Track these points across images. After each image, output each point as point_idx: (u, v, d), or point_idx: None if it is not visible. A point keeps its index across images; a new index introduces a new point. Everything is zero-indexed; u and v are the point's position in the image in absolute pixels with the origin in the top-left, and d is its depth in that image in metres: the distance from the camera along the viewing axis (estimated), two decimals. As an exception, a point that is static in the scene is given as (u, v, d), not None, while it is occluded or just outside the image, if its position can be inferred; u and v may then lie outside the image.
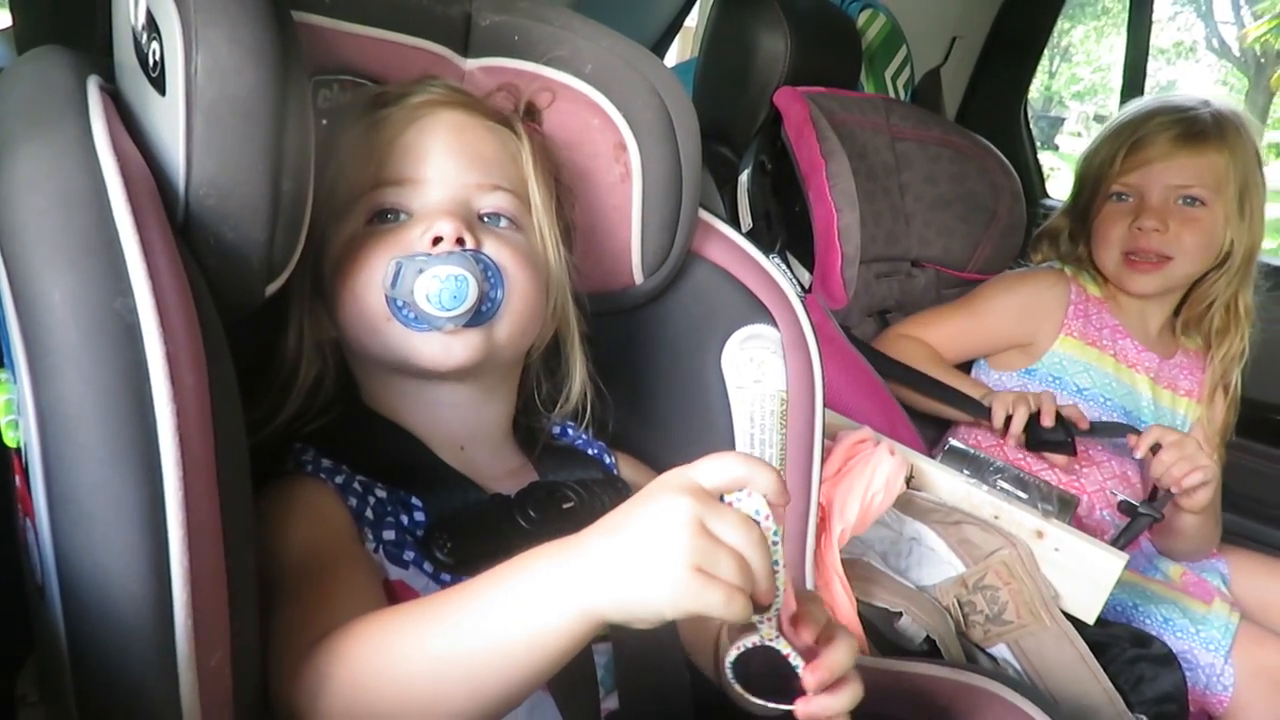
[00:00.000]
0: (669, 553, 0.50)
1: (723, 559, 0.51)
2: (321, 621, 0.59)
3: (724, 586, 0.50)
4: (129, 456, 0.49)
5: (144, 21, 0.62)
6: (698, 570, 0.50)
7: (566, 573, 0.52)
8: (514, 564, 0.54)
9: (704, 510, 0.51)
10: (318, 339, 0.78)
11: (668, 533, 0.50)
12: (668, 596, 0.50)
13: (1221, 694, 1.27)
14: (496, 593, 0.54)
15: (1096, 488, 1.45)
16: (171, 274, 0.53)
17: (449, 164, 0.75)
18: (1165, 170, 1.46)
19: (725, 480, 0.54)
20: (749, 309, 0.92)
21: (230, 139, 0.58)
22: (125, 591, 0.48)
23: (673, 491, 0.52)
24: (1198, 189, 1.45)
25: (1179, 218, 1.45)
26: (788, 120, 1.49)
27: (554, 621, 0.51)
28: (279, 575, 0.64)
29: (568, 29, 0.86)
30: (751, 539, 0.52)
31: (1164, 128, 1.47)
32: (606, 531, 0.53)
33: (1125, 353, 1.52)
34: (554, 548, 0.54)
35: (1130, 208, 1.49)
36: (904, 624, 1.11)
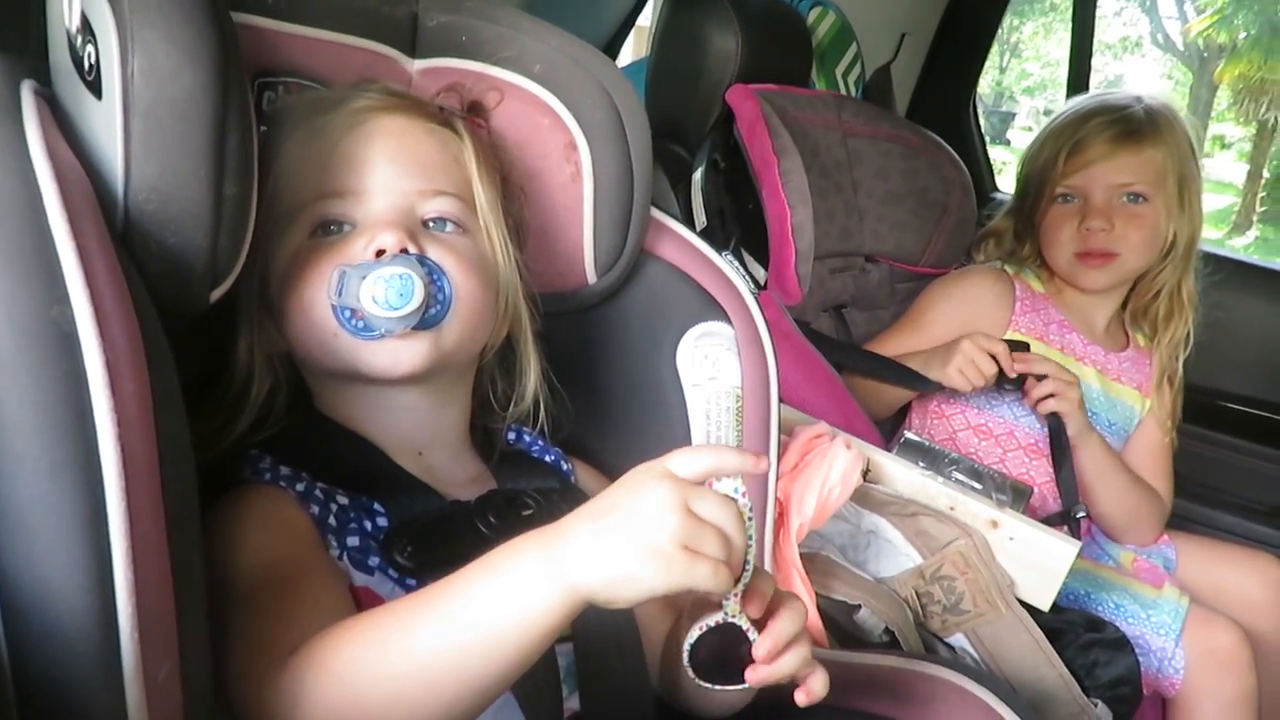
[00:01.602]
0: (657, 533, 0.53)
1: (707, 536, 0.54)
2: (294, 631, 0.58)
3: (710, 561, 0.54)
4: (69, 467, 0.48)
5: (79, 24, 0.60)
6: (684, 548, 0.53)
7: (554, 554, 0.54)
8: (498, 553, 0.56)
9: (686, 491, 0.54)
10: (268, 353, 0.77)
11: (654, 515, 0.53)
12: (658, 573, 0.53)
13: (1174, 676, 1.30)
14: (483, 581, 0.55)
15: (1046, 479, 1.47)
16: (110, 281, 0.52)
17: (389, 172, 0.74)
18: (1107, 170, 1.50)
19: (698, 470, 0.57)
20: (703, 306, 0.93)
21: (170, 143, 0.57)
22: (68, 605, 0.47)
23: (654, 477, 0.55)
24: (1139, 185, 1.49)
25: (1123, 215, 1.49)
26: (740, 118, 1.49)
27: (542, 602, 0.53)
28: (242, 586, 0.63)
29: (516, 29, 0.85)
30: (731, 515, 0.56)
31: (1102, 128, 1.51)
32: (593, 516, 0.55)
33: (1073, 346, 1.54)
34: (540, 533, 0.56)
35: (1076, 209, 1.52)
36: (863, 616, 1.12)
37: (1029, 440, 1.48)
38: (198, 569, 0.57)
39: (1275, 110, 14.12)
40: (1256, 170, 14.04)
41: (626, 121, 0.84)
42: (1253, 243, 12.99)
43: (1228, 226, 13.50)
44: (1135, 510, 1.51)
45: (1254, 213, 13.67)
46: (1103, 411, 1.53)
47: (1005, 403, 1.49)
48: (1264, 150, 14.30)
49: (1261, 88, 13.96)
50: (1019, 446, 1.48)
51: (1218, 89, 16.19)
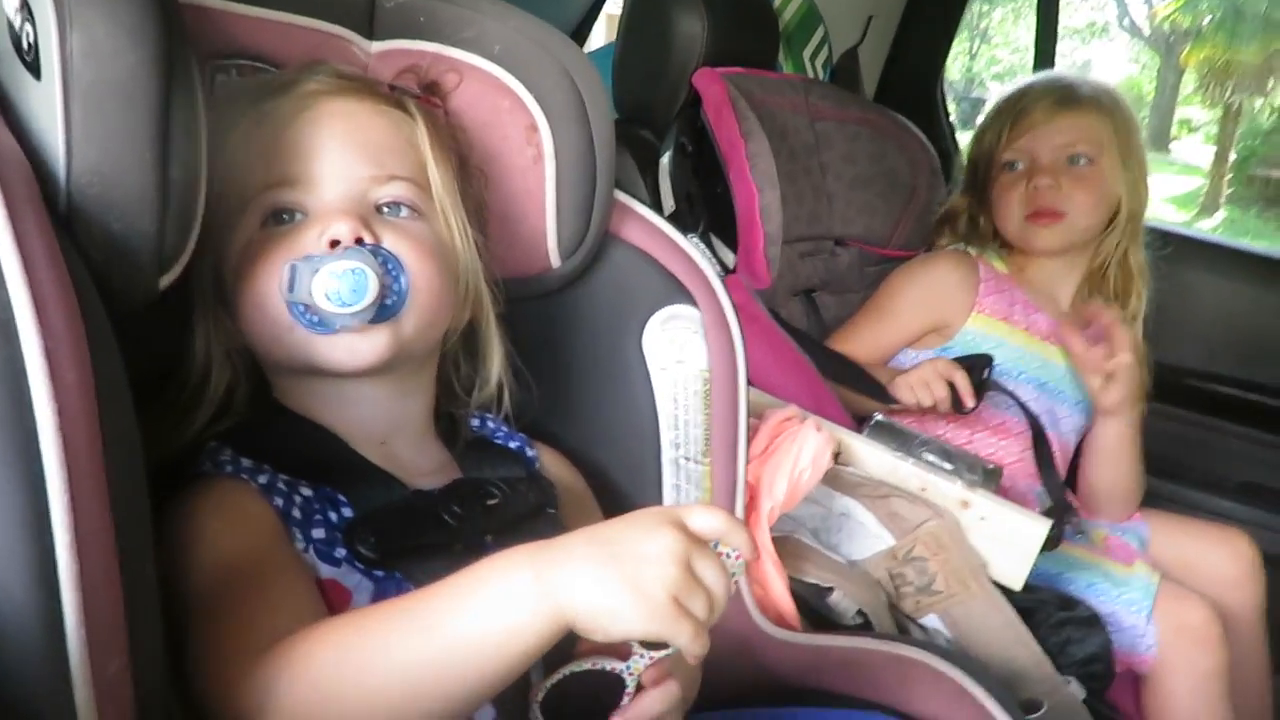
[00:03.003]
0: (654, 578, 0.53)
1: (699, 597, 0.54)
2: (264, 628, 0.57)
3: (694, 622, 0.54)
4: (7, 459, 0.46)
5: (17, 3, 0.58)
6: (675, 602, 0.53)
7: (546, 571, 0.54)
8: (489, 564, 0.55)
9: (691, 548, 0.54)
10: (226, 347, 0.76)
11: (657, 559, 0.53)
12: (643, 617, 0.53)
13: (1146, 654, 1.31)
14: (470, 592, 0.54)
15: (1015, 459, 1.47)
16: (49, 267, 0.50)
17: (340, 158, 0.72)
18: (1050, 132, 1.53)
19: (710, 529, 0.57)
20: (669, 290, 0.92)
21: (112, 124, 0.55)
22: (9, 601, 0.46)
23: (666, 524, 0.55)
24: (1082, 145, 1.52)
25: (1070, 176, 1.51)
26: (707, 102, 1.48)
27: (528, 617, 0.53)
28: (206, 582, 0.62)
29: (475, 10, 0.84)
30: (724, 584, 0.56)
31: (1042, 95, 1.55)
32: (594, 542, 0.55)
33: (1037, 326, 1.55)
34: (533, 548, 0.55)
35: (1023, 173, 1.54)
36: (835, 599, 1.12)
37: (996, 421, 1.49)
38: (149, 564, 0.55)
39: (1241, 93, 14.27)
40: (1223, 153, 14.19)
41: (588, 103, 0.83)
42: (1220, 224, 13.13)
43: (1195, 209, 13.65)
44: (1130, 489, 1.53)
45: (1221, 195, 13.82)
46: (1069, 390, 1.54)
47: None
48: (1230, 133, 14.46)
49: (1227, 71, 14.10)
50: (986, 428, 1.49)
51: (1184, 72, 16.35)
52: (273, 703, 0.53)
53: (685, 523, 0.56)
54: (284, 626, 0.57)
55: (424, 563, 0.69)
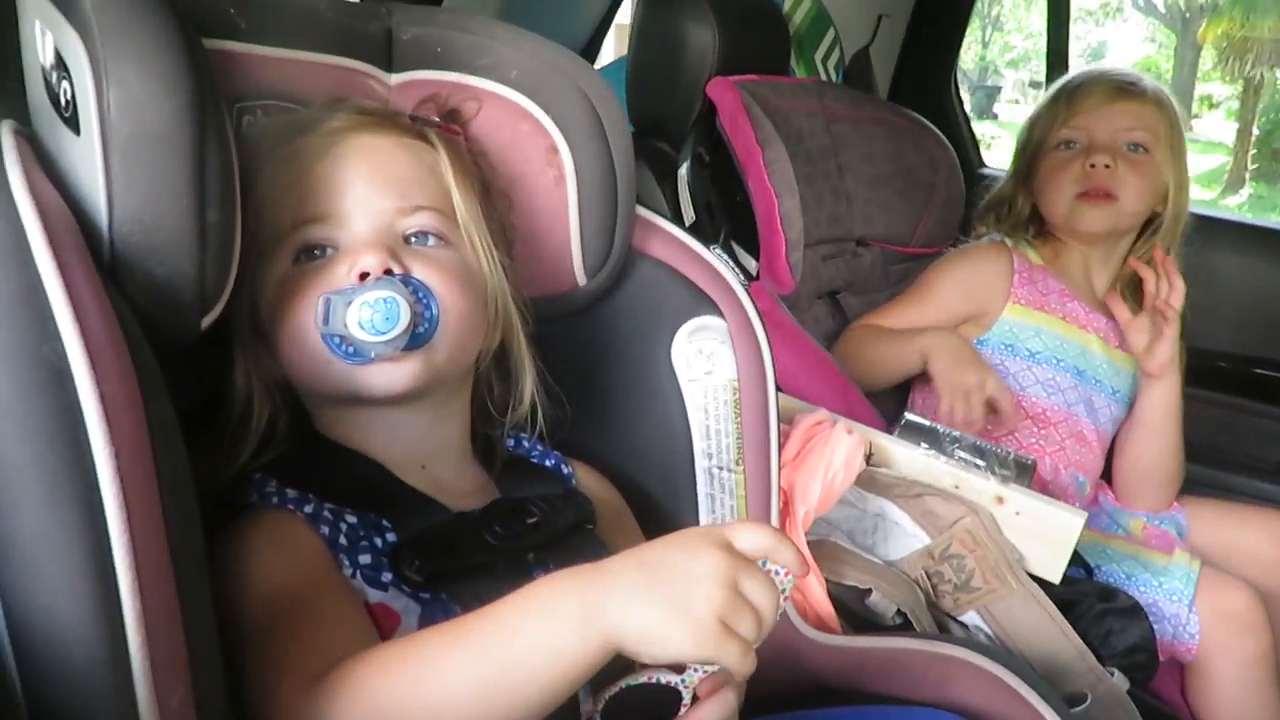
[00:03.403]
0: (701, 601, 0.53)
1: (746, 617, 0.54)
2: (319, 654, 0.58)
3: (742, 643, 0.54)
4: (69, 502, 0.48)
5: (53, 60, 0.61)
6: (722, 624, 0.53)
7: (594, 596, 0.54)
8: (536, 589, 0.56)
9: (738, 568, 0.55)
10: (265, 380, 0.77)
11: (704, 582, 0.54)
12: (691, 641, 0.53)
13: (1189, 642, 1.30)
14: (519, 617, 0.55)
15: (1057, 447, 1.47)
16: (100, 315, 0.52)
17: (366, 193, 0.74)
18: (1110, 114, 1.51)
19: (756, 547, 0.57)
20: (695, 301, 0.93)
21: (150, 173, 0.57)
22: (77, 638, 0.48)
23: (712, 544, 0.55)
24: (1140, 133, 1.50)
25: (1125, 160, 1.49)
26: (721, 111, 1.49)
27: (578, 642, 0.54)
28: (260, 612, 0.64)
29: (490, 37, 0.85)
30: (772, 603, 0.56)
31: (1103, 80, 1.54)
32: (640, 566, 0.56)
33: (1074, 314, 1.54)
34: (580, 573, 0.56)
35: (1079, 152, 1.52)
36: (874, 600, 1.12)
37: (1036, 410, 1.49)
38: (205, 594, 0.57)
39: (1261, 67, 14.09)
40: (1246, 128, 14.02)
41: (606, 122, 0.85)
42: (1247, 200, 12.97)
43: (1220, 186, 13.48)
44: (1171, 470, 1.52)
45: (1246, 170, 13.65)
46: (1107, 379, 1.54)
47: (1012, 374, 1.50)
48: (1252, 107, 14.28)
49: (1245, 45, 13.93)
50: (1027, 417, 1.49)
51: (1202, 49, 16.16)
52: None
53: (731, 542, 0.56)
54: (339, 650, 0.58)
55: (469, 583, 0.70)
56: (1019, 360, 1.51)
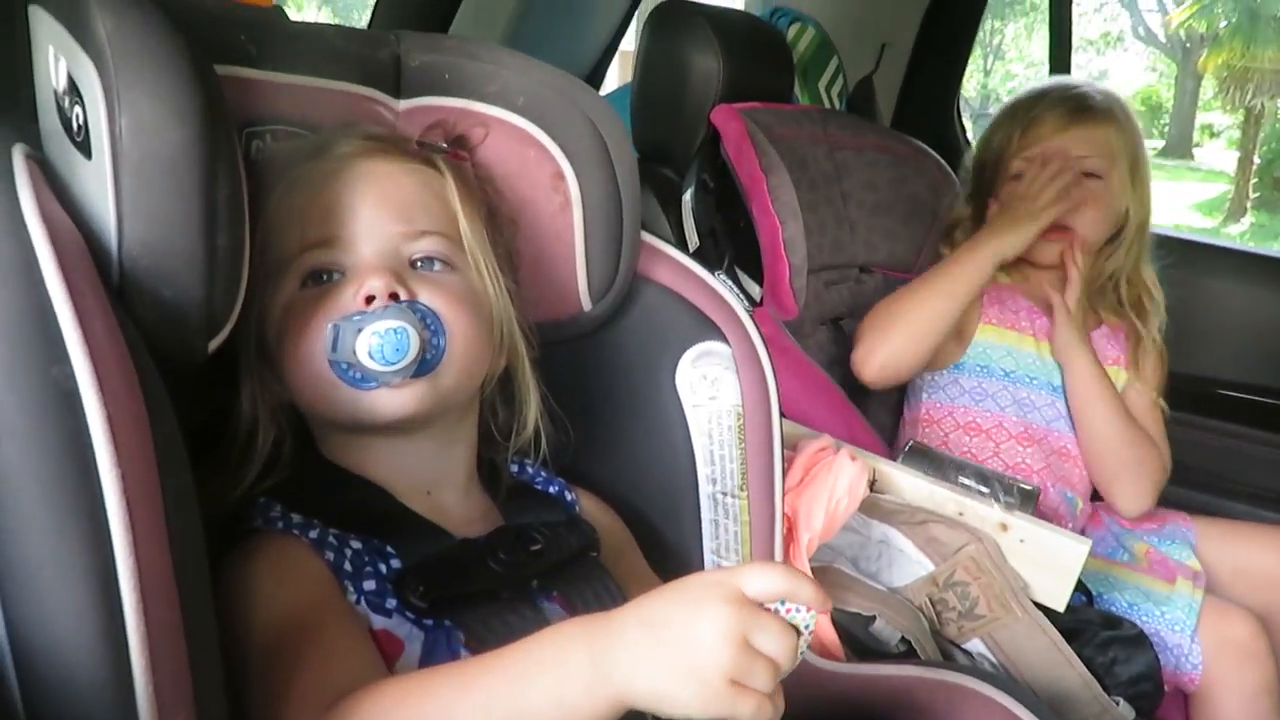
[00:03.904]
0: (707, 664, 0.52)
1: (759, 671, 0.52)
2: (326, 684, 0.58)
3: (756, 697, 0.52)
4: (76, 525, 0.48)
5: (65, 85, 0.61)
6: (733, 683, 0.52)
7: (602, 656, 0.53)
8: (546, 641, 0.56)
9: (747, 622, 0.53)
10: (271, 404, 0.78)
11: (709, 644, 0.52)
12: (700, 703, 0.52)
13: (1192, 671, 1.29)
14: (528, 669, 0.55)
15: (1042, 465, 1.47)
16: (108, 338, 0.53)
17: (373, 217, 0.74)
18: (1064, 143, 1.51)
19: (770, 592, 0.55)
20: (699, 327, 0.93)
21: (160, 198, 0.58)
22: (81, 661, 0.48)
23: (718, 600, 0.53)
24: (1094, 160, 1.50)
25: (1081, 191, 1.49)
26: (726, 137, 1.50)
27: (586, 701, 0.53)
28: (266, 638, 0.64)
29: (498, 64, 0.86)
30: (788, 649, 0.54)
31: (1055, 104, 1.54)
32: (646, 624, 0.54)
33: (1045, 330, 1.55)
34: (588, 631, 0.55)
35: None
36: (878, 627, 1.12)
37: (1018, 430, 1.49)
38: (209, 619, 0.57)
39: (1261, 97, 14.18)
40: (1247, 157, 14.09)
41: (612, 148, 0.85)
42: (1248, 229, 13.01)
43: (1222, 215, 13.53)
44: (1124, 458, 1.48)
45: (1247, 199, 13.70)
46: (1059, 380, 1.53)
47: (990, 395, 1.50)
48: (1253, 137, 14.35)
49: (1246, 75, 14.03)
50: (1010, 437, 1.49)
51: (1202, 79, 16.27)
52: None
53: (741, 589, 0.54)
54: (343, 678, 0.58)
55: (473, 610, 0.70)
56: (995, 381, 1.51)
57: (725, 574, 0.55)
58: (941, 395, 1.52)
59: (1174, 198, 14.12)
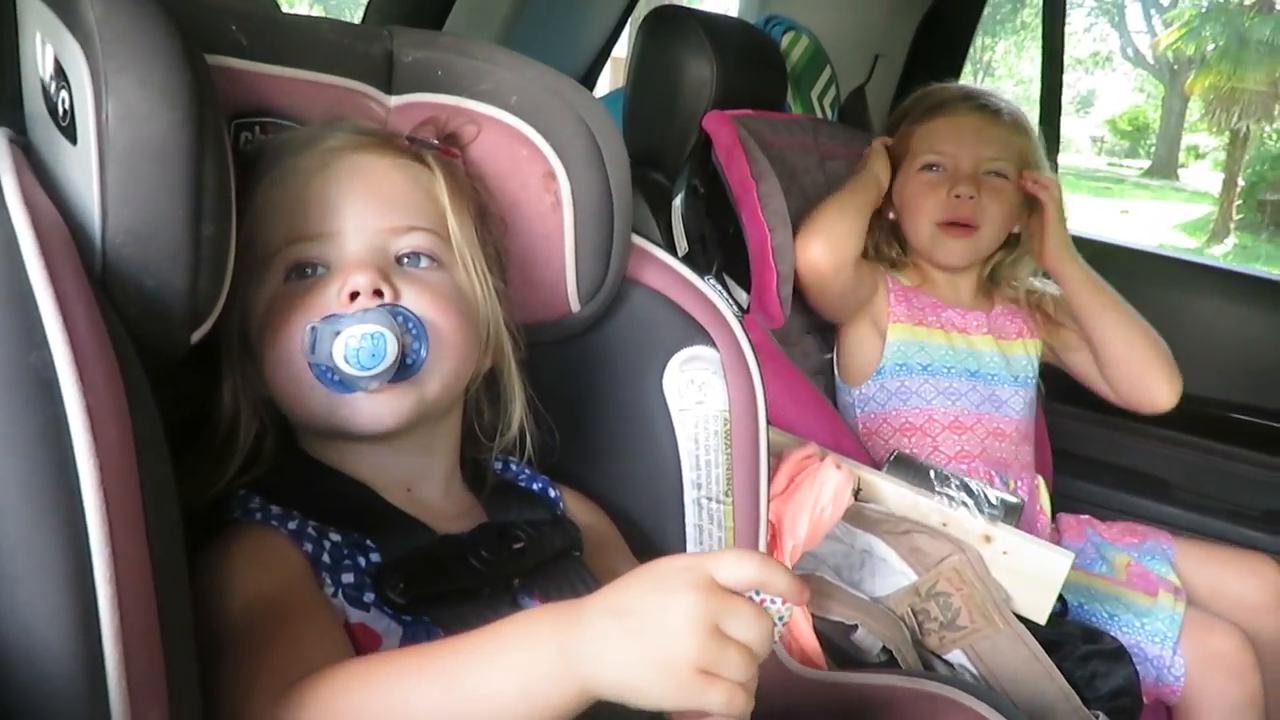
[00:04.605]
0: (676, 654, 0.50)
1: (730, 659, 0.51)
2: (291, 665, 0.57)
3: (726, 686, 0.50)
4: (51, 515, 0.47)
5: (52, 71, 0.60)
6: (702, 673, 0.50)
7: (569, 644, 0.52)
8: (515, 626, 0.54)
9: (717, 610, 0.51)
10: (252, 398, 0.77)
11: (675, 634, 0.50)
12: (670, 694, 0.50)
13: (1173, 684, 1.29)
14: (494, 655, 0.54)
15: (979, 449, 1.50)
16: (89, 326, 0.52)
17: (360, 212, 0.74)
18: (977, 142, 1.55)
19: (743, 580, 0.53)
20: (688, 331, 0.93)
21: (146, 185, 0.57)
22: (53, 653, 0.47)
23: (687, 588, 0.51)
24: (1002, 162, 1.55)
25: (987, 187, 1.54)
26: (717, 144, 1.50)
27: (553, 689, 0.52)
28: (236, 623, 0.63)
29: (491, 62, 0.86)
30: (763, 634, 0.52)
31: (968, 103, 1.59)
32: (615, 612, 0.52)
33: (952, 321, 1.58)
34: (556, 618, 0.53)
35: (943, 177, 1.56)
36: (860, 636, 1.12)
37: (949, 419, 1.51)
38: (185, 613, 0.56)
39: (1247, 119, 14.31)
40: (1231, 179, 14.23)
41: (604, 150, 0.85)
42: (1231, 250, 13.12)
43: (1206, 235, 13.64)
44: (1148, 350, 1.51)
45: (1231, 221, 13.82)
46: (1003, 370, 1.57)
47: (914, 392, 1.52)
48: (1238, 159, 14.49)
49: (1232, 97, 14.17)
50: (943, 428, 1.51)
51: (1189, 100, 16.41)
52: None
53: (712, 576, 0.52)
54: (311, 662, 0.57)
55: (453, 607, 0.69)
56: (916, 376, 1.53)
57: (698, 559, 0.53)
58: (872, 405, 1.55)
59: (1158, 218, 14.24)
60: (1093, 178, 16.91)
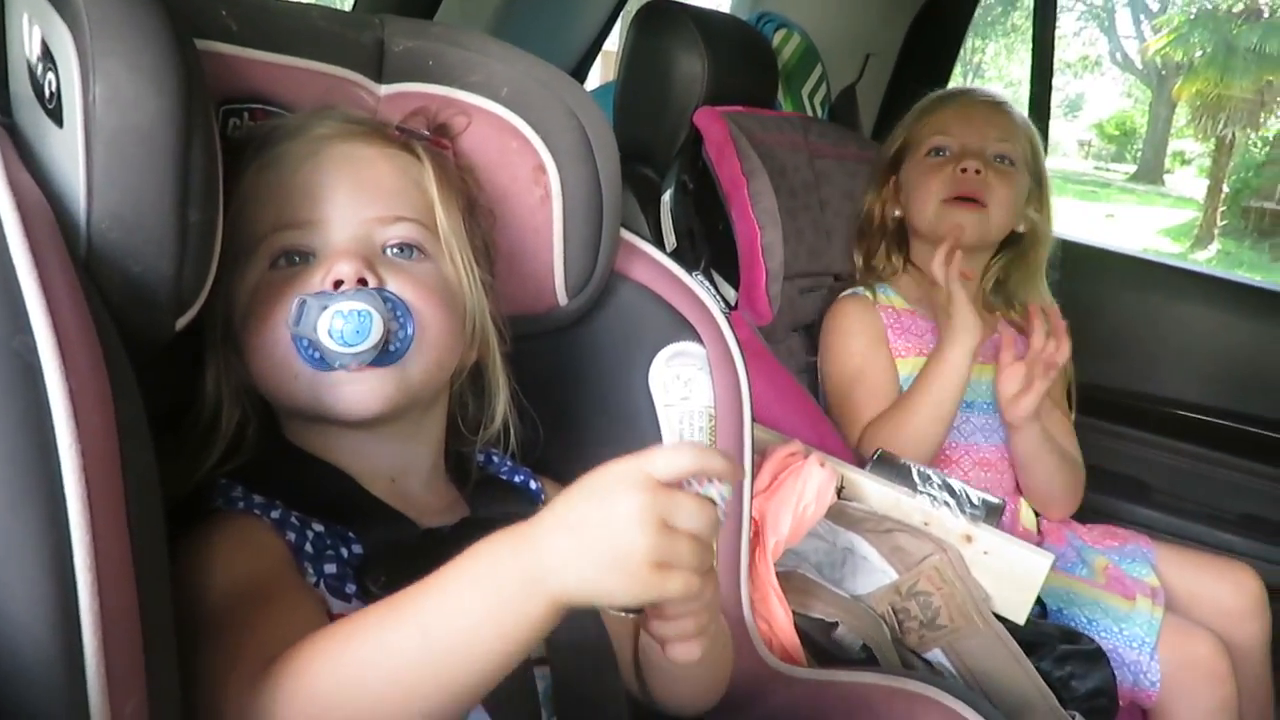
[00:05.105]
0: (630, 553, 0.52)
1: (682, 549, 0.53)
2: (270, 645, 0.57)
3: (682, 574, 0.53)
4: (31, 500, 0.47)
5: (39, 52, 0.60)
6: (658, 566, 0.52)
7: (529, 565, 0.53)
8: (471, 560, 0.55)
9: (661, 505, 0.53)
10: (235, 386, 0.76)
11: (626, 535, 0.52)
12: (630, 591, 0.52)
13: (1149, 689, 1.30)
14: (464, 595, 0.54)
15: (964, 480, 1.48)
16: (73, 311, 0.51)
17: (347, 200, 0.73)
18: (982, 125, 1.55)
19: (679, 471, 0.55)
20: (675, 327, 0.93)
21: (132, 170, 0.56)
22: (31, 640, 0.46)
23: (629, 490, 0.53)
24: (1008, 145, 1.54)
25: (995, 170, 1.52)
26: (708, 140, 1.50)
27: (521, 611, 0.53)
28: (215, 605, 0.63)
29: (483, 53, 0.85)
30: (708, 521, 0.54)
31: (973, 96, 1.61)
32: (566, 525, 0.54)
33: None
34: (513, 540, 0.55)
35: (950, 158, 1.54)
36: (840, 634, 1.12)
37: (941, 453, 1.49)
38: (166, 602, 0.56)
39: (1233, 126, 14.41)
40: (1216, 185, 14.32)
41: (595, 143, 0.85)
42: (1215, 256, 13.22)
43: (1190, 241, 13.73)
44: (1063, 487, 1.51)
45: (1215, 227, 13.91)
46: (990, 397, 1.52)
47: None
48: (1223, 165, 14.59)
49: (1219, 104, 14.26)
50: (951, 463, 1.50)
51: (1176, 106, 16.50)
52: (280, 714, 0.54)
53: (650, 473, 0.54)
54: (292, 642, 0.57)
55: None
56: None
57: (633, 461, 0.55)
58: None
59: (1143, 222, 14.32)
60: (1079, 181, 17.00)
